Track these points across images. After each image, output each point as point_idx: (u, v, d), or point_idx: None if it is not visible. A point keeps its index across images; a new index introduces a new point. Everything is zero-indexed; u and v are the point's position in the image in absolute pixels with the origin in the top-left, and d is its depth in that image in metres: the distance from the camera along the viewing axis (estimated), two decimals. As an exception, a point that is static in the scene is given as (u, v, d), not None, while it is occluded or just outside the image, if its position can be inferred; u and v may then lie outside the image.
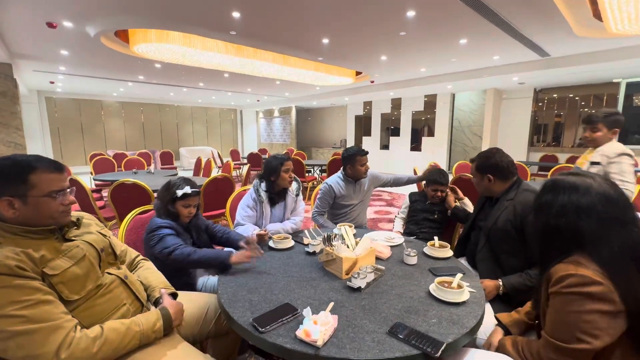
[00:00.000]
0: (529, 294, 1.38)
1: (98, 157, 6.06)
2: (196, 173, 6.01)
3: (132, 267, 1.28)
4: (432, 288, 1.22)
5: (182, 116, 12.86)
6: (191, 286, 1.58)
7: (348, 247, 1.46)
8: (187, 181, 1.60)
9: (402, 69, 6.54)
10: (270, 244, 1.73)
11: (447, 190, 2.20)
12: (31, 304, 0.82)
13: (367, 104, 10.91)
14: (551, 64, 5.58)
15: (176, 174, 5.15)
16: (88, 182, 3.61)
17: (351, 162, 2.28)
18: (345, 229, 1.54)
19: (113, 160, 6.23)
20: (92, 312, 0.97)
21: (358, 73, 7.29)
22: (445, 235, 2.25)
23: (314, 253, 1.62)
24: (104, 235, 1.14)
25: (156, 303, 1.18)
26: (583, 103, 7.58)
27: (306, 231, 1.81)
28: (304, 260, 1.57)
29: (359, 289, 1.24)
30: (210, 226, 1.76)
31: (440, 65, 6.23)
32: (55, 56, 5.42)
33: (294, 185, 2.10)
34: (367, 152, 2.30)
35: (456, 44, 4.73)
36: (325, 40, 4.64)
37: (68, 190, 0.99)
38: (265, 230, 1.72)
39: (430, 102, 9.16)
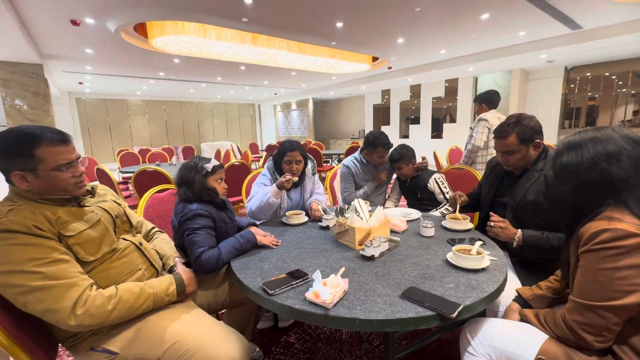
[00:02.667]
0: (540, 262, 1.31)
1: (124, 152, 6.36)
2: (216, 164, 6.14)
3: (148, 238, 1.31)
4: (450, 256, 1.17)
5: (203, 112, 13.17)
6: None
7: (361, 219, 1.42)
8: (204, 158, 1.41)
9: (420, 51, 6.30)
10: (283, 219, 1.72)
11: (402, 165, 2.18)
12: (48, 261, 0.85)
13: (386, 93, 10.67)
14: (583, 37, 5.17)
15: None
16: (116, 176, 3.83)
17: (370, 149, 2.25)
18: (359, 202, 1.50)
19: (138, 154, 6.50)
20: (107, 275, 0.99)
21: (374, 59, 7.12)
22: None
23: (327, 227, 1.60)
24: (119, 204, 1.16)
25: (170, 271, 1.20)
26: (620, 82, 6.99)
27: (320, 207, 1.79)
28: (317, 233, 1.55)
29: (372, 258, 1.21)
30: None
31: (461, 46, 5.94)
32: (81, 55, 5.67)
33: (309, 165, 2.07)
34: (391, 146, 2.24)
35: (477, 20, 4.49)
36: (339, 24, 4.54)
37: (78, 160, 0.99)
38: (288, 175, 1.70)
39: (452, 88, 8.82)
